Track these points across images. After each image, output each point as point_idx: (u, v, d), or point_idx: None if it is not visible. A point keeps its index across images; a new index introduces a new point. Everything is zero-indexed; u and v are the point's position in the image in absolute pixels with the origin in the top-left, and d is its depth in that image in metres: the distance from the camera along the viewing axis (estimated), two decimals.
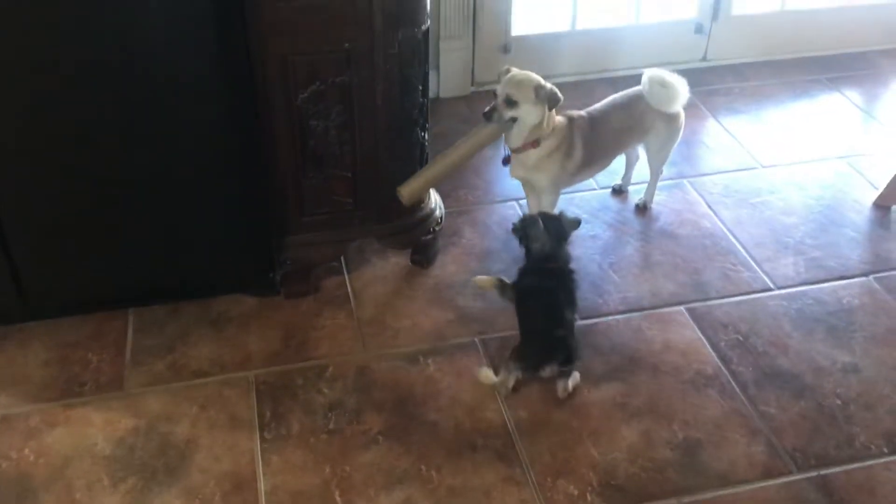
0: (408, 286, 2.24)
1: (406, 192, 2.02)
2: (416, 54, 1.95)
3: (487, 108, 2.07)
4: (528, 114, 2.08)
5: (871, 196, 2.57)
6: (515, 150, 2.17)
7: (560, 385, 1.92)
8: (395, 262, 2.31)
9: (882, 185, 2.56)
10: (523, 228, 1.99)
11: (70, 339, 2.06)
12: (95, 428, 1.85)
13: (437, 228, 2.25)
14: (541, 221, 1.97)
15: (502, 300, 2.05)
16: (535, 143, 2.14)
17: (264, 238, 2.09)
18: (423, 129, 2.08)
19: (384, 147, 2.00)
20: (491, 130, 2.09)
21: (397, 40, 1.89)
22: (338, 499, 1.72)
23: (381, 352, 2.05)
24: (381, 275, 2.27)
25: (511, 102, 2.06)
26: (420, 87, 2.00)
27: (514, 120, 2.08)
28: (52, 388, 1.94)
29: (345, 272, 2.27)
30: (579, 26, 3.09)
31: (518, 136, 2.13)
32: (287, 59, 1.85)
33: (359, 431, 1.85)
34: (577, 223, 2.02)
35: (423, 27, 1.93)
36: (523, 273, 2.01)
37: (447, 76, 3.00)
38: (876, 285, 2.26)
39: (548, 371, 1.93)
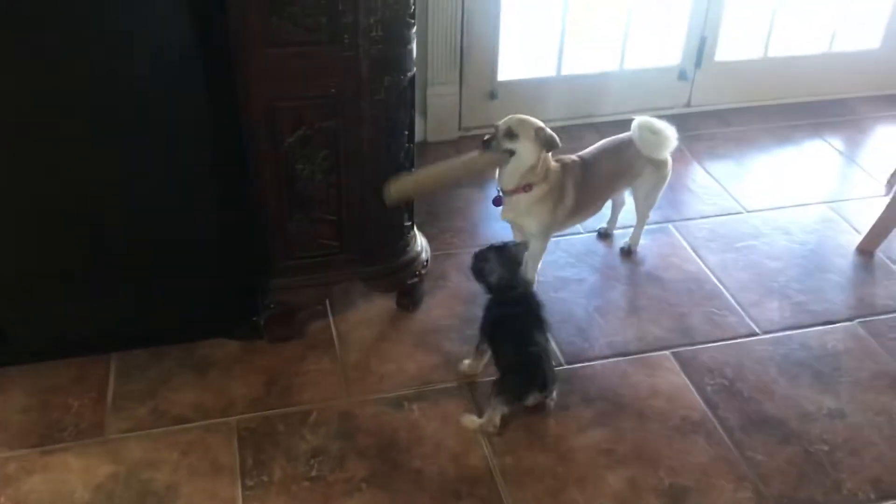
0: (393, 330, 2.23)
1: (394, 188, 2.01)
2: (402, 100, 1.96)
3: (487, 137, 2.10)
4: (525, 150, 2.10)
5: (855, 241, 2.59)
6: (507, 193, 2.18)
7: (548, 406, 1.97)
8: (380, 305, 2.30)
9: (865, 230, 2.58)
10: (476, 266, 2.00)
11: (51, 384, 2.03)
12: (74, 475, 1.82)
13: (423, 271, 2.24)
14: (491, 254, 1.98)
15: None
16: (528, 188, 2.15)
17: (248, 281, 2.08)
18: (410, 173, 2.09)
19: (370, 191, 2.00)
20: (487, 159, 2.12)
21: (383, 86, 1.90)
22: None
23: (366, 397, 2.03)
24: (367, 318, 2.26)
25: (511, 135, 2.09)
26: (406, 132, 2.02)
27: (511, 153, 2.10)
28: (31, 435, 1.91)
29: (330, 315, 2.26)
30: (565, 72, 3.13)
31: (512, 175, 2.14)
32: (273, 104, 1.86)
33: (342, 479, 1.83)
34: (525, 246, 2.06)
35: (409, 74, 1.95)
36: (489, 308, 2.01)
37: (434, 121, 3.02)
38: (861, 330, 2.27)
39: (531, 399, 1.92)
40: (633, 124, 2.30)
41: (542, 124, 2.12)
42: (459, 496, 1.80)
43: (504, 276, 1.96)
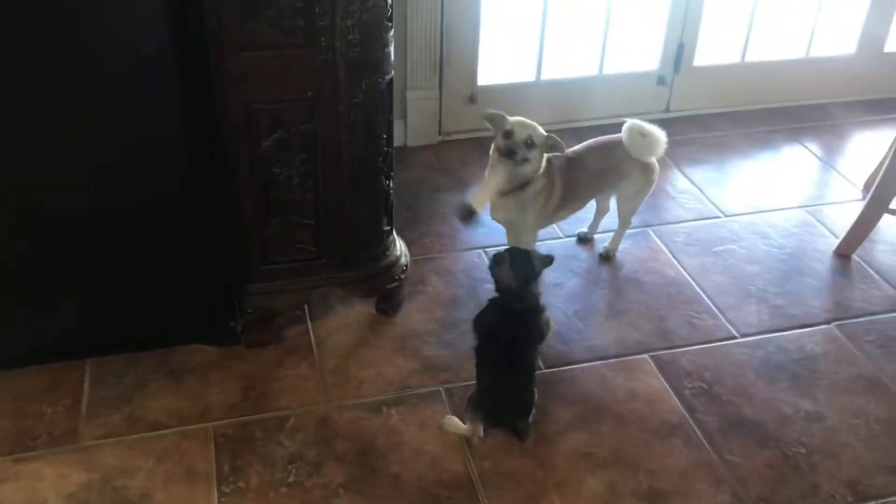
0: (372, 335, 2.22)
1: (475, 201, 2.08)
2: (380, 103, 1.95)
3: (509, 148, 2.10)
4: (536, 159, 2.13)
5: (832, 245, 2.61)
6: (503, 194, 2.18)
7: (520, 428, 1.93)
8: (359, 310, 2.29)
9: (842, 235, 2.59)
10: (490, 266, 1.95)
11: (24, 391, 2.00)
12: (47, 483, 1.79)
13: (402, 276, 2.23)
14: (508, 260, 1.92)
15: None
16: (522, 187, 2.17)
17: (226, 286, 2.06)
18: (388, 177, 2.08)
19: (348, 195, 1.99)
20: (509, 169, 2.13)
21: (361, 90, 1.89)
22: None
23: (344, 402, 2.02)
24: (345, 323, 2.25)
25: (530, 145, 2.11)
26: (384, 136, 2.01)
27: (525, 161, 2.12)
28: (3, 442, 1.87)
29: (308, 321, 2.24)
30: (544, 77, 3.13)
31: (513, 179, 2.15)
32: (250, 107, 1.84)
33: (319, 484, 1.81)
34: (549, 260, 1.95)
35: (387, 77, 1.94)
36: (487, 308, 1.96)
37: (414, 125, 3.02)
38: (838, 333, 2.28)
39: (503, 424, 1.92)
40: (624, 126, 2.31)
41: (544, 131, 2.16)
42: (438, 501, 1.79)
43: (514, 285, 1.89)
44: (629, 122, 2.30)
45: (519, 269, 1.90)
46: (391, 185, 2.11)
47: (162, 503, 1.76)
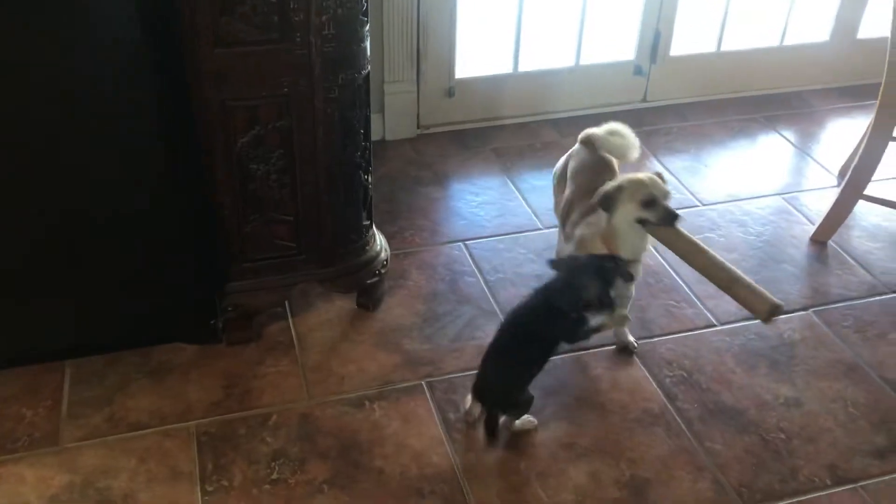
0: (353, 330, 2.22)
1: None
2: (356, 98, 1.95)
3: (670, 212, 1.90)
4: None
5: (809, 231, 2.64)
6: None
7: (491, 422, 1.91)
8: (340, 305, 2.28)
9: (818, 221, 2.62)
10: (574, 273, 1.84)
11: (3, 394, 1.98)
12: (28, 486, 1.78)
13: (382, 271, 2.23)
14: (592, 274, 1.81)
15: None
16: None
17: (205, 285, 2.05)
18: (367, 171, 2.08)
19: (326, 190, 1.99)
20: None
21: (337, 84, 1.89)
22: None
23: (326, 398, 2.02)
24: (326, 319, 2.25)
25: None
26: (362, 131, 2.00)
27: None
28: None
29: (289, 317, 2.24)
30: (521, 68, 3.14)
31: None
32: (226, 104, 1.84)
33: (303, 481, 1.81)
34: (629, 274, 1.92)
35: (364, 71, 1.94)
36: (541, 296, 1.86)
37: (392, 119, 3.01)
38: (815, 319, 2.30)
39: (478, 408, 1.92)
40: (598, 131, 2.21)
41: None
42: (422, 495, 1.79)
43: (592, 296, 1.80)
44: (603, 127, 2.22)
45: (595, 279, 1.82)
46: (370, 179, 2.11)
47: (145, 503, 1.76)
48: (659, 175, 1.98)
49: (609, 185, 1.96)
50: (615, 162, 2.20)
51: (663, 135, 3.16)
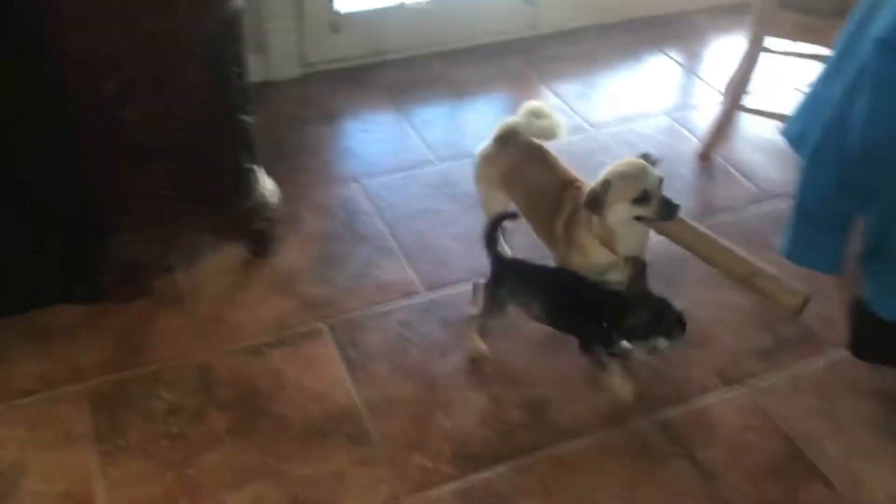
0: (247, 278, 2.17)
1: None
2: (228, 36, 1.87)
3: (670, 203, 1.76)
4: None
5: (697, 148, 2.69)
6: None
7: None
8: (231, 254, 2.22)
9: (703, 138, 2.67)
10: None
11: None
12: None
13: (272, 215, 2.17)
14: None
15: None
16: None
17: (86, 242, 1.96)
18: (246, 112, 2.00)
19: (202, 134, 1.91)
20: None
21: (206, 22, 1.80)
22: None
23: (222, 348, 1.97)
24: (218, 269, 2.18)
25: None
26: (236, 70, 1.92)
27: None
28: None
29: (178, 269, 2.17)
30: (408, 0, 3.06)
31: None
32: (87, 48, 1.73)
33: (202, 433, 1.78)
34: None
35: (234, 7, 1.85)
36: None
37: (275, 58, 2.90)
38: None
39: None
40: (518, 119, 2.05)
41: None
42: (326, 435, 1.78)
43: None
44: (525, 106, 2.06)
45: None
46: (250, 120, 2.03)
47: (37, 471, 1.69)
48: (647, 157, 1.81)
49: (594, 183, 1.78)
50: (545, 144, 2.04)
51: (555, 61, 3.15)
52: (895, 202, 1.73)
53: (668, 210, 1.75)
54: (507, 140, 2.06)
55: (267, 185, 2.18)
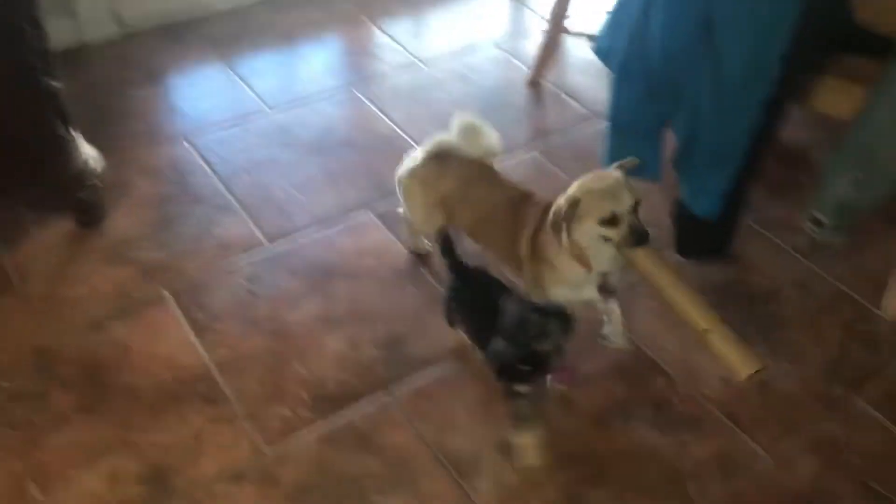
0: (79, 251, 2.07)
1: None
2: None
3: (640, 229, 1.61)
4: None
5: (526, 76, 2.75)
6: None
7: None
8: (59, 228, 2.10)
9: (531, 65, 2.73)
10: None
11: None
12: None
13: (95, 182, 2.07)
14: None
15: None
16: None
17: None
18: (53, 76, 1.88)
19: (2, 102, 1.78)
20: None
21: None
22: (35, 492, 1.58)
23: (60, 327, 1.88)
24: (45, 245, 2.07)
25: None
26: (33, 31, 1.80)
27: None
28: None
29: (0, 251, 2.04)
30: None
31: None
32: None
33: (48, 416, 1.70)
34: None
35: None
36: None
37: (87, 19, 2.72)
38: (542, 158, 2.43)
39: None
40: (452, 138, 1.90)
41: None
42: (179, 399, 1.75)
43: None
44: (454, 125, 1.91)
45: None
46: (58, 86, 1.91)
47: None
48: (622, 168, 1.66)
49: (561, 200, 1.64)
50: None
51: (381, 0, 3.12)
52: (697, 104, 1.83)
53: (636, 238, 1.61)
54: (442, 160, 1.89)
55: (88, 151, 2.07)
